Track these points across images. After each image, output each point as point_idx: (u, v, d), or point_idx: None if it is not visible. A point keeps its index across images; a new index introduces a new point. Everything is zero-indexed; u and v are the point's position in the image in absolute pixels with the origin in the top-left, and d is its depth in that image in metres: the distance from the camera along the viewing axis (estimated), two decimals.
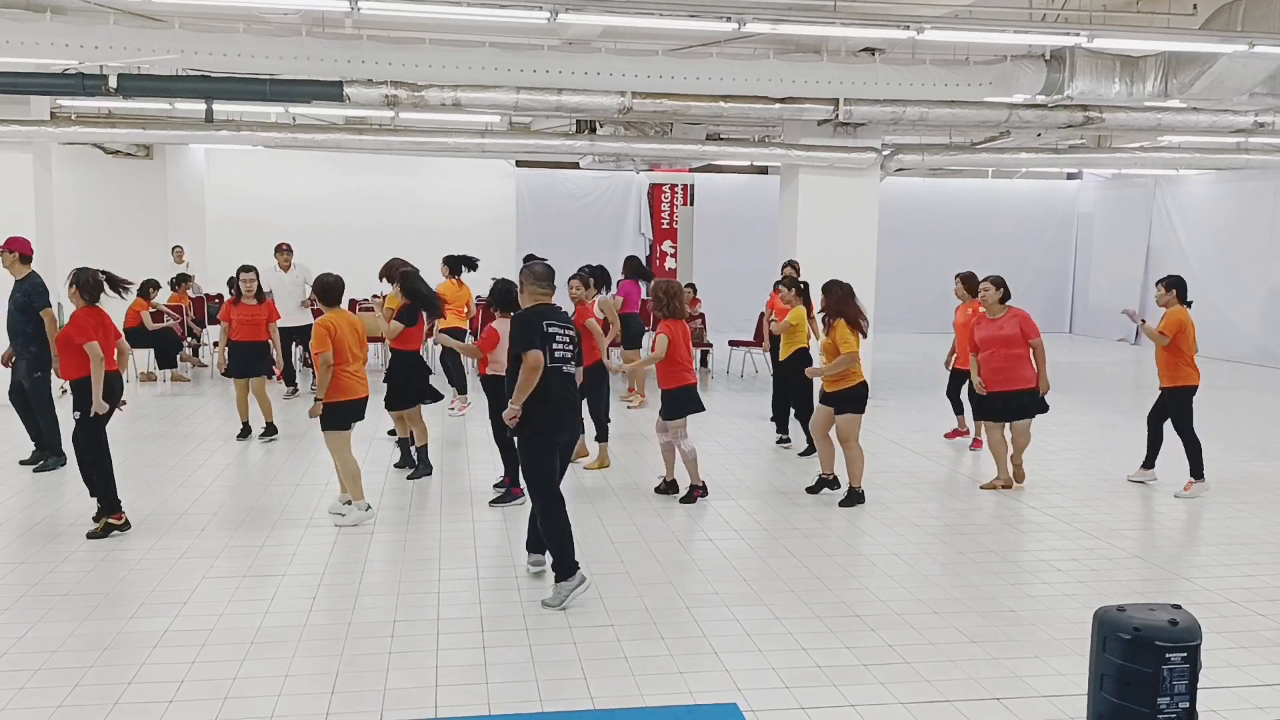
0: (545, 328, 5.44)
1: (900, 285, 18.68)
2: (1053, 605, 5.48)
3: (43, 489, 7.58)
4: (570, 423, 5.60)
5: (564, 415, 5.53)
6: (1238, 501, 7.78)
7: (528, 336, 5.40)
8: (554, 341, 5.47)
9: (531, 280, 5.64)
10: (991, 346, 7.93)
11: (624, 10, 7.50)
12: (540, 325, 5.43)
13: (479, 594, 5.50)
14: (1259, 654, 4.86)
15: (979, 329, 8.09)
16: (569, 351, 5.56)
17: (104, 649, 4.70)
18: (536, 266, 5.73)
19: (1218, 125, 11.25)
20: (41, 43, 8.60)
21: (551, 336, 5.46)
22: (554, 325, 5.50)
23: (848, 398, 7.55)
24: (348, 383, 6.76)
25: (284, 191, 18.71)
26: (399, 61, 9.10)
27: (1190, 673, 3.31)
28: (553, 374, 5.44)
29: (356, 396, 6.80)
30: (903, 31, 7.82)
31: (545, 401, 5.42)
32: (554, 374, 5.45)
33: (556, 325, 5.51)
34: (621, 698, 4.29)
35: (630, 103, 10.07)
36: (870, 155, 11.85)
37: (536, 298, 5.61)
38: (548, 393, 5.42)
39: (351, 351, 6.79)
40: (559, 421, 5.49)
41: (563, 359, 5.51)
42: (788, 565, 6.08)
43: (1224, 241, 17.27)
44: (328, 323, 6.74)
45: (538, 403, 5.41)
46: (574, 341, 5.63)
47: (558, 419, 5.48)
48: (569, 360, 5.56)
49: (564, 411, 5.52)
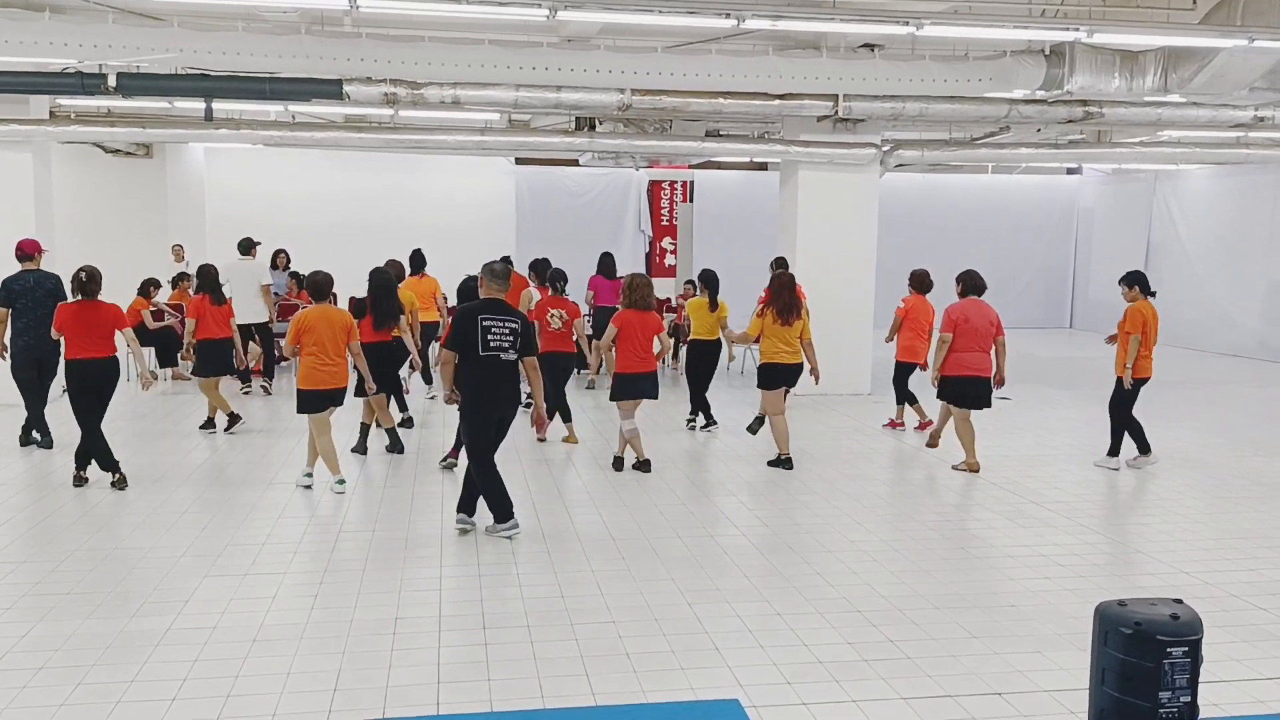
0: (480, 322, 6.25)
1: (900, 281, 18.64)
2: (1054, 600, 5.48)
3: (43, 487, 7.58)
4: (501, 401, 6.37)
5: (495, 395, 6.34)
6: (1239, 496, 7.78)
7: (453, 333, 6.29)
8: (489, 334, 6.27)
9: (489, 277, 6.43)
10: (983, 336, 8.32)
11: (623, 7, 7.50)
12: (473, 322, 6.24)
13: (480, 591, 5.51)
14: (1260, 648, 4.86)
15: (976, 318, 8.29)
16: (506, 341, 6.31)
17: (106, 648, 4.70)
18: (495, 265, 6.51)
19: (1217, 120, 11.24)
20: (40, 41, 8.59)
21: (487, 329, 6.26)
22: (490, 319, 6.28)
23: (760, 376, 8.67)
24: (316, 373, 7.38)
25: (284, 190, 18.70)
26: (398, 59, 9.09)
27: (1191, 667, 3.31)
28: (488, 361, 6.27)
29: (320, 387, 7.41)
30: (902, 27, 7.82)
31: (478, 384, 6.31)
32: (489, 361, 6.27)
33: (493, 319, 6.29)
34: (623, 694, 4.30)
35: (629, 100, 10.06)
36: (870, 151, 11.85)
37: (490, 292, 6.41)
38: (480, 377, 6.29)
39: (325, 345, 7.35)
40: (491, 400, 6.34)
41: (499, 348, 6.30)
42: (789, 561, 6.08)
43: (1224, 236, 17.26)
44: (298, 319, 7.38)
45: (472, 386, 6.31)
46: (514, 333, 6.33)
47: (489, 398, 6.33)
48: (506, 349, 6.32)
49: (495, 392, 6.33)
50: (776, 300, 8.45)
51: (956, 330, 8.20)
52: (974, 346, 8.24)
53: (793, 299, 8.45)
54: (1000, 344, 8.37)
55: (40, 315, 8.48)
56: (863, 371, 12.37)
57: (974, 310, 8.28)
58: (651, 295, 8.46)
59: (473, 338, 6.25)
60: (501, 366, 6.33)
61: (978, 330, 8.22)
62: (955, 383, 8.30)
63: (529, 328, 6.51)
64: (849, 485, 7.95)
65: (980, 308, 8.31)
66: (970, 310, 8.27)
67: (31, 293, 8.58)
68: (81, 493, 7.45)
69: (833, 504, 7.40)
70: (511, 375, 6.41)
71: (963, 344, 8.23)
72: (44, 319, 8.36)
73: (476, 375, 6.31)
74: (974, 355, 8.24)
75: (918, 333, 9.92)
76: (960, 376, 8.26)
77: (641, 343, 8.25)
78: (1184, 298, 17.38)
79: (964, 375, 8.25)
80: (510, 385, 6.42)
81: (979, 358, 8.26)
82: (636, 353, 8.26)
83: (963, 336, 8.21)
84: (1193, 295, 17.49)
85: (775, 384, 8.54)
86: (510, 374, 6.40)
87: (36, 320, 8.51)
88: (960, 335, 8.21)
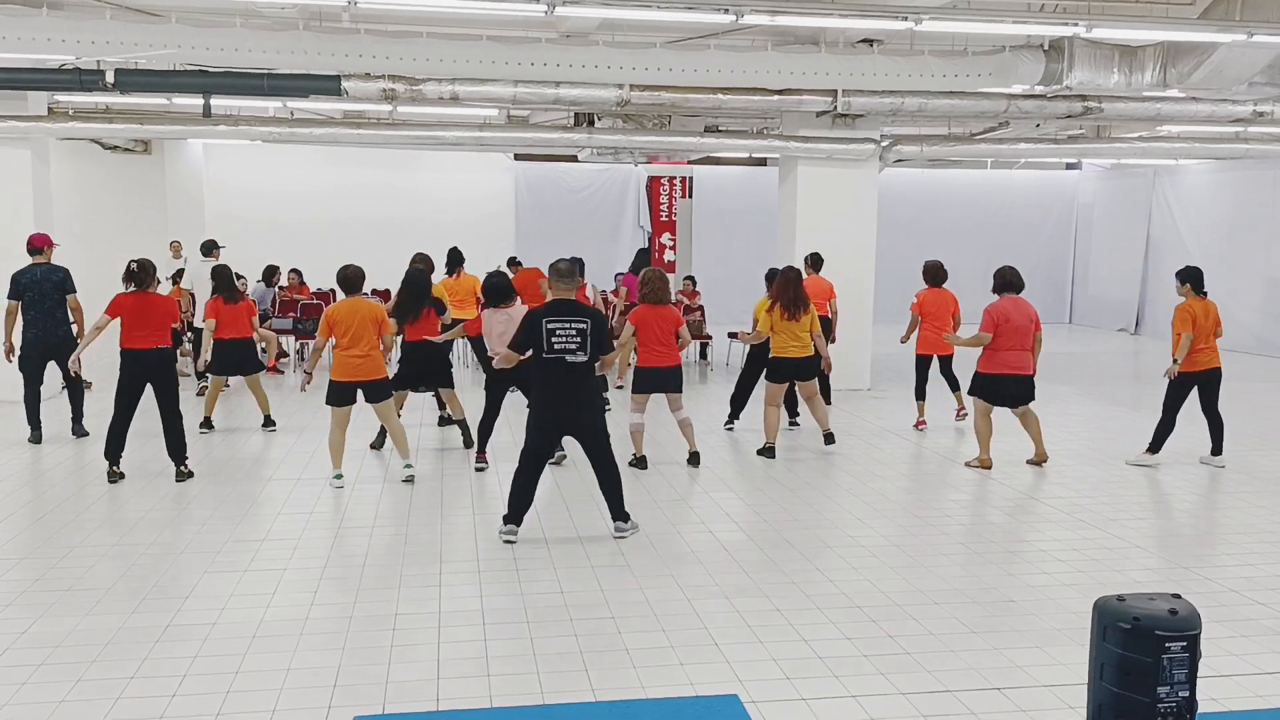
0: (544, 325, 6.10)
1: (899, 276, 18.65)
2: (1053, 595, 5.49)
3: (43, 486, 7.59)
4: (563, 404, 6.19)
5: (555, 398, 6.17)
6: (1238, 490, 7.79)
7: (520, 335, 6.25)
8: (554, 336, 6.10)
9: (554, 276, 6.33)
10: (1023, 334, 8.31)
11: (621, 3, 7.50)
12: (538, 325, 6.12)
13: (480, 586, 5.51)
14: (1259, 642, 4.87)
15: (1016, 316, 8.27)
16: (573, 343, 6.12)
17: (106, 644, 4.71)
18: (560, 264, 6.39)
19: (1217, 115, 11.24)
20: (38, 38, 8.59)
21: (552, 331, 6.10)
22: (555, 321, 6.12)
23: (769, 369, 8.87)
24: (347, 363, 7.48)
25: (282, 186, 18.70)
26: (396, 55, 9.10)
27: (1190, 662, 3.31)
28: (552, 364, 6.12)
29: (350, 378, 7.50)
30: (901, 22, 7.82)
31: (540, 386, 6.21)
32: (554, 364, 6.12)
33: (558, 320, 6.12)
34: (622, 689, 4.30)
35: (628, 95, 10.06)
36: (869, 146, 11.84)
37: (558, 292, 6.29)
38: (542, 380, 6.18)
39: (357, 337, 7.42)
40: (550, 404, 6.19)
41: (564, 350, 6.12)
42: (788, 556, 6.09)
43: (1223, 231, 17.26)
44: (329, 312, 7.54)
45: (536, 387, 6.23)
46: (582, 334, 6.14)
47: (548, 401, 6.19)
48: (572, 351, 6.12)
49: (556, 395, 6.17)
50: (782, 296, 8.60)
51: (998, 330, 8.16)
52: (1015, 345, 8.20)
53: (798, 294, 8.60)
54: (1038, 339, 8.34)
55: (48, 307, 8.82)
56: (862, 367, 12.37)
57: (1013, 308, 8.24)
58: (667, 290, 8.50)
59: (537, 339, 6.14)
60: (566, 369, 6.13)
61: (1018, 329, 8.19)
62: (993, 380, 8.27)
63: (602, 326, 6.27)
64: (848, 481, 7.95)
65: (1019, 305, 8.27)
66: (1010, 308, 8.22)
67: (39, 285, 8.83)
68: (81, 490, 7.46)
69: (832, 499, 7.41)
70: (580, 379, 6.20)
71: (1003, 342, 8.18)
72: (51, 311, 8.82)
73: (539, 377, 6.21)
74: (1015, 354, 8.20)
75: (938, 325, 9.89)
76: (999, 374, 8.23)
77: (660, 337, 8.24)
78: None
79: (1004, 374, 8.22)
80: (578, 389, 6.19)
81: (1020, 356, 8.22)
82: (657, 347, 8.25)
83: (1003, 335, 8.17)
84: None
85: (783, 378, 8.73)
86: (578, 377, 6.19)
87: (44, 312, 8.82)
88: (1001, 334, 8.17)
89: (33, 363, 8.91)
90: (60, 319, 8.91)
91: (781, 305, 8.58)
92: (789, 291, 8.59)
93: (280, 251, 16.41)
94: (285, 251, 16.52)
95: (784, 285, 8.63)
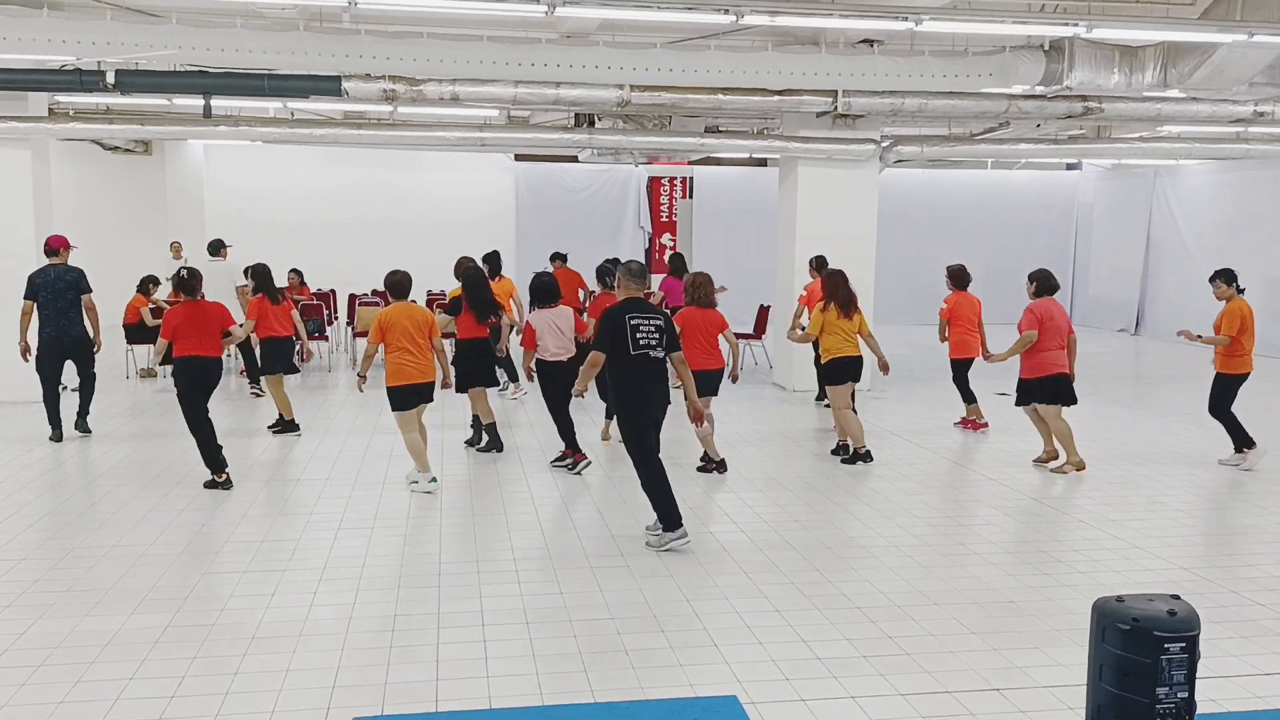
0: (628, 322, 6.21)
1: (900, 277, 18.66)
2: (1052, 596, 5.49)
3: (44, 485, 7.59)
4: (655, 400, 6.31)
5: (649, 394, 6.28)
6: (1237, 491, 7.79)
7: (600, 335, 6.26)
8: (638, 333, 6.22)
9: (626, 276, 6.44)
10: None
11: (621, 3, 7.50)
12: (623, 322, 6.20)
13: (479, 587, 5.51)
14: (1258, 643, 4.87)
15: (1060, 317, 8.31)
16: (655, 339, 6.26)
17: (106, 645, 4.71)
18: (633, 265, 6.52)
19: (1217, 115, 11.23)
20: (39, 38, 8.59)
21: (635, 329, 6.21)
22: (637, 318, 6.25)
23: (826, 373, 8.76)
24: (404, 369, 7.41)
25: (283, 186, 18.71)
26: (397, 56, 9.10)
27: (1189, 663, 3.31)
28: (639, 360, 6.22)
29: (409, 382, 7.42)
30: (901, 23, 7.82)
31: (633, 384, 6.25)
32: (640, 360, 6.22)
33: (640, 317, 6.26)
34: (622, 690, 4.30)
35: (628, 96, 10.06)
36: (869, 147, 11.84)
37: (629, 291, 6.40)
38: (634, 377, 6.23)
39: (410, 341, 7.38)
40: (646, 399, 6.27)
41: (648, 346, 6.25)
42: (787, 557, 6.09)
43: (1224, 231, 17.24)
44: (380, 317, 7.42)
45: (629, 387, 6.25)
46: (660, 330, 6.29)
47: (645, 398, 6.26)
48: (654, 347, 6.26)
49: (649, 391, 6.27)
50: (836, 294, 8.51)
51: (1042, 328, 8.17)
52: (1056, 345, 8.21)
53: (850, 292, 8.55)
54: (1072, 342, 8.34)
55: (61, 306, 8.96)
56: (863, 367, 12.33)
57: (1054, 309, 8.28)
58: (713, 292, 8.44)
59: (622, 338, 6.18)
60: (652, 365, 6.26)
61: (1059, 329, 8.22)
62: (1044, 383, 8.25)
63: (671, 324, 6.49)
64: (848, 481, 7.95)
65: (1059, 307, 8.32)
66: (1052, 309, 8.26)
67: (53, 285, 8.98)
68: (80, 489, 7.46)
69: (831, 500, 7.41)
70: (661, 374, 6.36)
71: (1047, 342, 8.19)
72: (65, 310, 8.97)
73: (629, 376, 6.23)
74: (1056, 354, 8.22)
75: (967, 328, 9.89)
76: (1046, 376, 8.22)
77: (705, 340, 8.18)
78: (1183, 293, 17.37)
79: (1050, 375, 8.21)
80: (662, 384, 6.36)
81: (1061, 355, 8.24)
82: (701, 349, 8.12)
83: (1046, 335, 8.18)
84: (1192, 291, 17.46)
85: (843, 379, 8.60)
86: (660, 372, 6.34)
87: (58, 311, 8.95)
88: (1044, 334, 8.19)
89: (49, 363, 8.99)
90: (75, 319, 9.01)
91: (837, 304, 8.47)
92: (842, 290, 8.50)
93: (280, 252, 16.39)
94: (285, 252, 16.49)
95: (836, 284, 8.54)
